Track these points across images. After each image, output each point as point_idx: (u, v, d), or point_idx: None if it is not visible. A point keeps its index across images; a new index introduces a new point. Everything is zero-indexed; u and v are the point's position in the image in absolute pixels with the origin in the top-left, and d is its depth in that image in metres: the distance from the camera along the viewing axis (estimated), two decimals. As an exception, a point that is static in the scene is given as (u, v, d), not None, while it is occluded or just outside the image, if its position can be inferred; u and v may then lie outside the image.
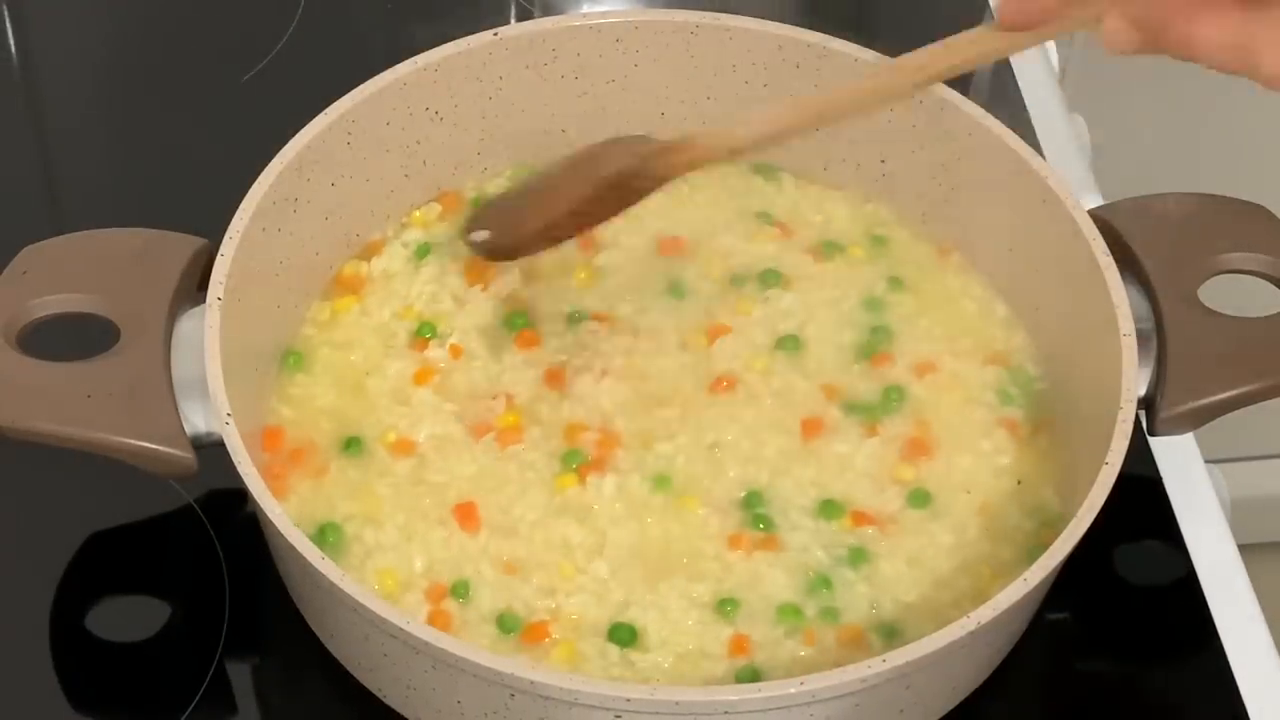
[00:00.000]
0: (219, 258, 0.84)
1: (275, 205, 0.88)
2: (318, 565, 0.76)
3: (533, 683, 0.74)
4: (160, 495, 0.89)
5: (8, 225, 1.01)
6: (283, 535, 0.77)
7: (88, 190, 1.06)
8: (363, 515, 0.85)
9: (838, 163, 0.97)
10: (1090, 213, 0.89)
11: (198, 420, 0.82)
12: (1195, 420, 0.87)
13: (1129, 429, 0.81)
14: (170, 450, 0.82)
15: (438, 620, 0.82)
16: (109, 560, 0.89)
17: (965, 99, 0.92)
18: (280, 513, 0.78)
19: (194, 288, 0.86)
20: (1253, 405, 0.87)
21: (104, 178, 1.06)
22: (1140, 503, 0.92)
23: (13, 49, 1.12)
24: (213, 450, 0.81)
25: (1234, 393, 0.86)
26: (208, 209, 0.87)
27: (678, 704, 0.75)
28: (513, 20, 1.13)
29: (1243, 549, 0.93)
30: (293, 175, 0.88)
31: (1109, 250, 0.87)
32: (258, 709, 0.86)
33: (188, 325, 0.85)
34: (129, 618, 0.87)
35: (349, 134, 0.91)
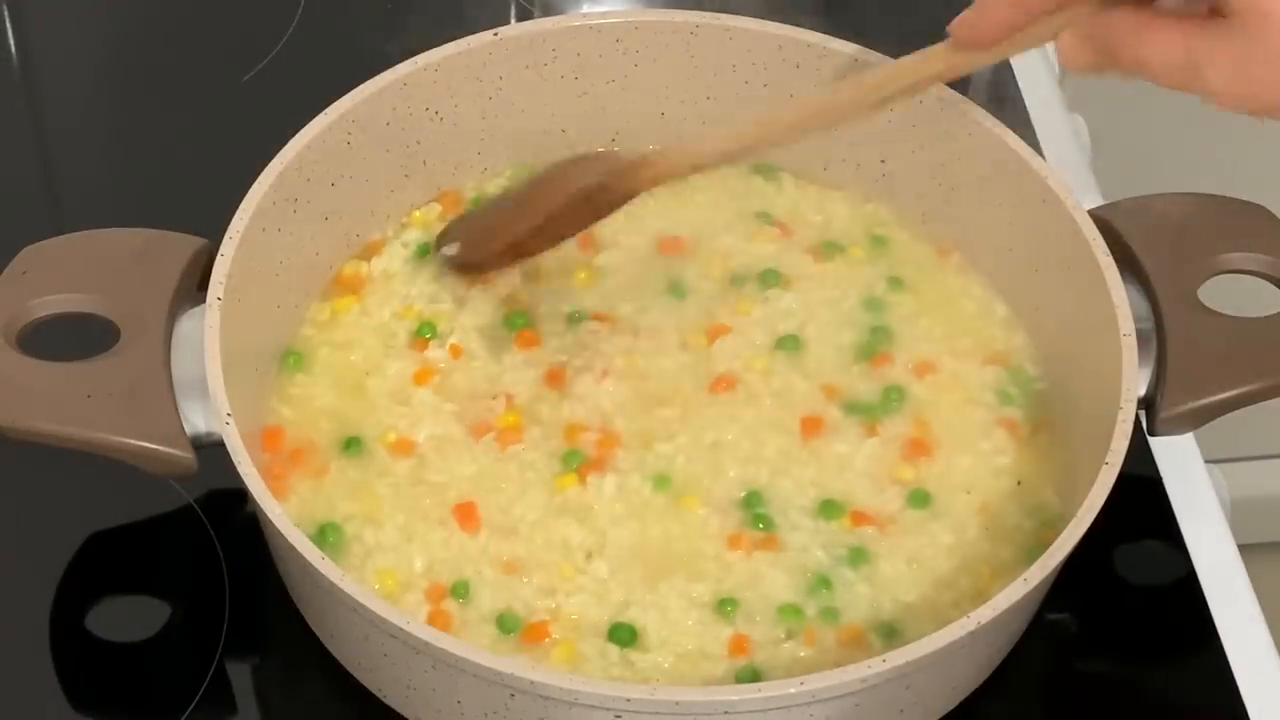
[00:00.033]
0: (219, 258, 0.84)
1: (275, 205, 0.88)
2: (318, 565, 0.76)
3: (533, 683, 0.74)
4: (160, 495, 0.89)
5: (8, 225, 1.01)
6: (283, 535, 0.77)
7: (88, 190, 1.06)
8: (363, 515, 0.85)
9: (838, 163, 0.97)
10: (1090, 213, 0.89)
11: (198, 420, 0.82)
12: (1195, 420, 0.87)
13: (1129, 429, 0.81)
14: (170, 450, 0.82)
15: (438, 620, 0.82)
16: (109, 560, 0.89)
17: (965, 99, 0.92)
18: (280, 513, 0.78)
19: (194, 288, 0.86)
20: (1253, 405, 0.87)
21: (104, 178, 1.06)
22: (1140, 503, 0.92)
23: (13, 49, 1.12)
24: (213, 450, 0.81)
25: (1234, 393, 0.86)
26: (208, 209, 0.87)
27: (678, 704, 0.75)
28: (513, 20, 1.13)
29: (1243, 549, 0.93)
30: (293, 175, 0.88)
31: (1109, 250, 0.87)
32: (258, 709, 0.86)
33: (188, 325, 0.85)
34: (129, 618, 0.87)
35: (349, 134, 0.91)
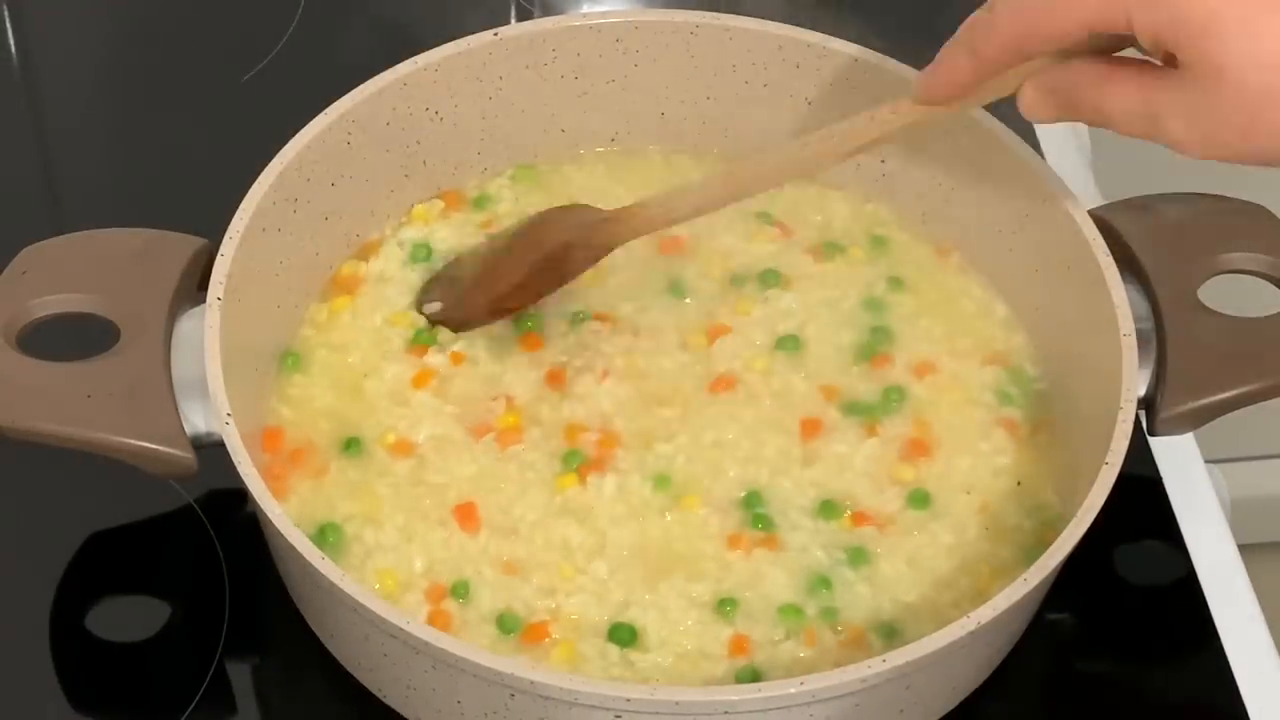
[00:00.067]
0: (219, 258, 0.84)
1: (275, 205, 0.87)
2: (318, 565, 0.76)
3: (533, 683, 0.74)
4: (160, 495, 0.89)
5: (8, 225, 1.01)
6: (283, 535, 0.77)
7: (88, 190, 1.06)
8: (363, 515, 0.85)
9: (838, 163, 0.97)
10: (1090, 213, 0.89)
11: (198, 420, 0.82)
12: (1195, 420, 0.87)
13: (1129, 429, 0.81)
14: (170, 450, 0.82)
15: (438, 620, 0.82)
16: (109, 560, 0.89)
17: (965, 99, 0.92)
18: (280, 513, 0.78)
19: (194, 288, 0.86)
20: (1253, 405, 0.87)
21: (104, 178, 1.06)
22: (1140, 503, 0.92)
23: (13, 49, 1.12)
24: (213, 450, 0.81)
25: (1234, 393, 0.86)
26: (208, 209, 0.87)
27: (678, 704, 0.75)
28: (513, 20, 1.13)
29: (1243, 549, 0.93)
30: (293, 175, 0.88)
31: (1109, 250, 0.87)
32: (258, 709, 0.86)
33: (188, 325, 0.84)
34: (129, 618, 0.87)
35: (349, 134, 0.91)
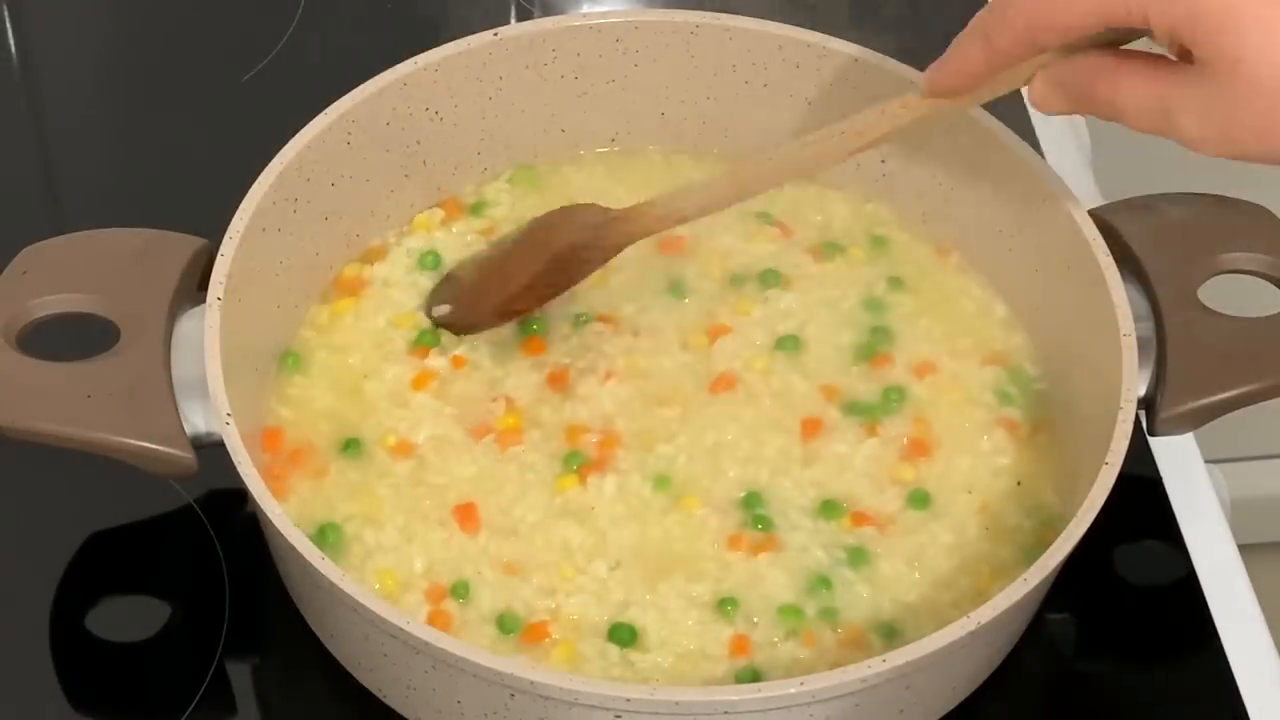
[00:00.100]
0: (219, 258, 0.84)
1: (275, 205, 0.87)
2: (318, 565, 0.76)
3: (533, 683, 0.74)
4: (160, 495, 0.89)
5: (8, 225, 1.01)
6: (283, 535, 0.77)
7: (88, 190, 1.06)
8: (363, 516, 0.85)
9: (838, 162, 0.97)
10: (1090, 213, 0.89)
11: (198, 420, 0.82)
12: (1195, 420, 0.87)
13: (1129, 429, 0.81)
14: (170, 450, 0.82)
15: (438, 620, 0.82)
16: (109, 560, 0.89)
17: (965, 99, 0.92)
18: (280, 513, 0.78)
19: (194, 288, 0.86)
20: (1253, 405, 0.87)
21: (104, 178, 1.06)
22: (1140, 503, 0.92)
23: (13, 49, 1.12)
24: (213, 450, 0.81)
25: (1234, 393, 0.86)
26: (208, 209, 0.87)
27: (678, 704, 0.75)
28: (513, 20, 1.13)
29: (1243, 549, 0.93)
30: (293, 175, 0.88)
31: (1109, 250, 0.87)
32: (258, 709, 0.86)
33: (188, 325, 0.84)
34: (129, 618, 0.87)
35: (349, 134, 0.91)
